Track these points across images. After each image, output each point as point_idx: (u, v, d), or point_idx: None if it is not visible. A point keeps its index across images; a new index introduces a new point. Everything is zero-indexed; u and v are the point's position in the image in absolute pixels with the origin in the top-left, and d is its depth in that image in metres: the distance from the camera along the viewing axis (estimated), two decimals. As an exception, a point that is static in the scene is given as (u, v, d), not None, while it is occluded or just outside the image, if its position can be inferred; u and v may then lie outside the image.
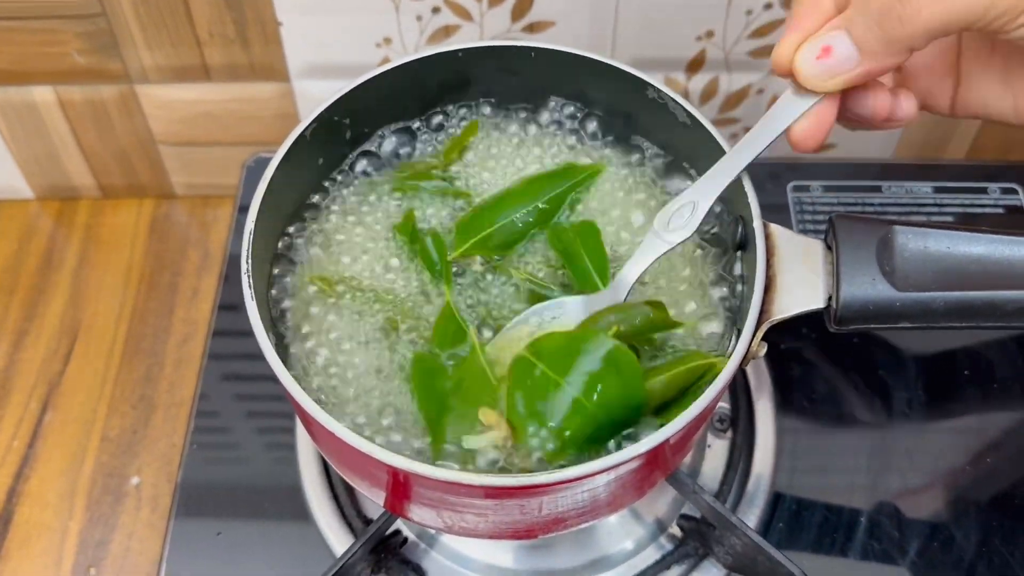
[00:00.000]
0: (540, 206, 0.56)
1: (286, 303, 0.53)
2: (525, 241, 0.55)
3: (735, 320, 0.51)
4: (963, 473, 0.66)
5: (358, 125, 0.58)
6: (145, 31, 0.76)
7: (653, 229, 0.50)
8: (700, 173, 0.55)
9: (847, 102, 0.48)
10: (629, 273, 0.50)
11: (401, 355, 0.51)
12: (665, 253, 0.50)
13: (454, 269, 0.54)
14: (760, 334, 0.47)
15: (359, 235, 0.56)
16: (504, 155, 0.59)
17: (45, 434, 0.76)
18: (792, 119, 0.47)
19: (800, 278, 0.48)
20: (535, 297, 0.53)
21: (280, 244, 0.55)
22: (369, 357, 0.51)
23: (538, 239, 0.55)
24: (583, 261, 0.53)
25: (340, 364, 0.51)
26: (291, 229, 0.56)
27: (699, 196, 0.49)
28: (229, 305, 0.75)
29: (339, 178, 0.58)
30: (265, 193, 0.51)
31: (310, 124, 0.54)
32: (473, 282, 0.54)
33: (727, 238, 0.54)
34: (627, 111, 0.58)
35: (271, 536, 0.63)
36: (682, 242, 0.49)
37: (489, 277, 0.54)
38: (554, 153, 0.59)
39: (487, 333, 0.52)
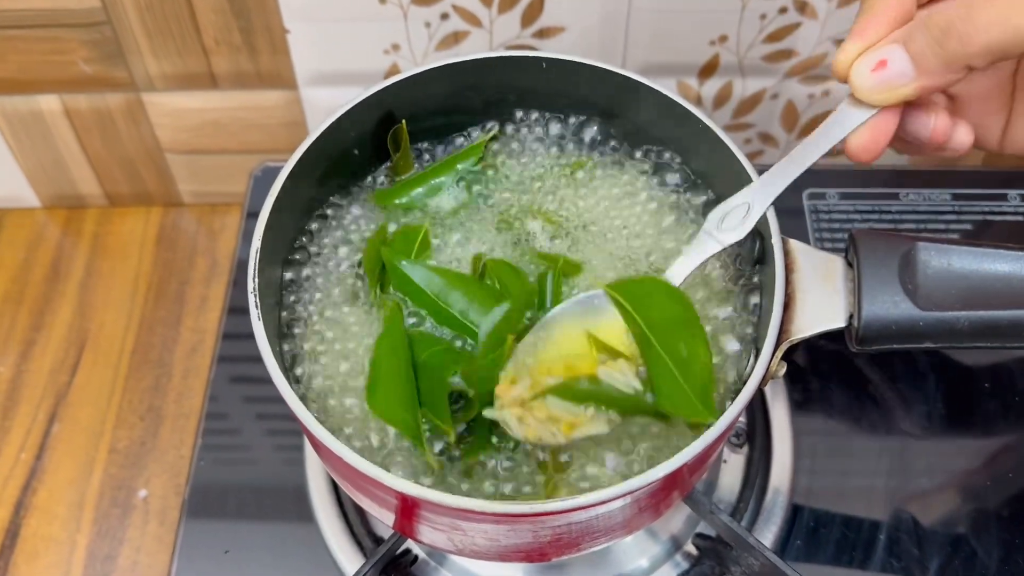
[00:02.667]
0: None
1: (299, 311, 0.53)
2: None
3: (754, 339, 0.50)
4: (984, 488, 0.64)
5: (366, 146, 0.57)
6: (151, 39, 0.75)
7: (705, 228, 0.49)
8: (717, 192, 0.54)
9: (906, 120, 0.47)
10: (679, 271, 0.49)
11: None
12: (716, 253, 0.49)
13: None
14: (779, 354, 0.46)
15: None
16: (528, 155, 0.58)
17: (53, 446, 0.75)
18: (849, 130, 0.46)
19: (820, 296, 0.47)
20: None
21: (294, 245, 0.55)
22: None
23: None
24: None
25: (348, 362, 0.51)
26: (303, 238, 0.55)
27: (754, 198, 0.49)
28: (239, 308, 0.74)
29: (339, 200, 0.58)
30: (271, 210, 0.50)
31: (320, 134, 0.53)
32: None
33: (745, 253, 0.53)
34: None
35: (280, 554, 0.62)
36: (735, 243, 0.49)
37: None
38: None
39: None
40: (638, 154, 0.58)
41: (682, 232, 0.55)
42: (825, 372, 0.69)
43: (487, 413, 0.47)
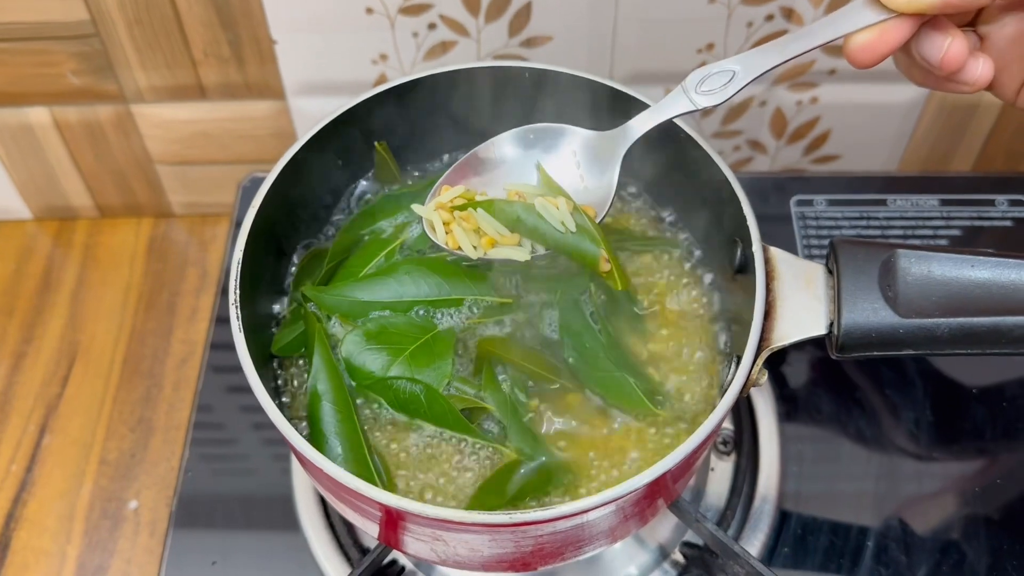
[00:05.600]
0: None
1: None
2: None
3: (736, 347, 0.50)
4: (972, 495, 0.64)
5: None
6: (140, 52, 0.75)
7: (682, 85, 0.48)
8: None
9: (919, 38, 0.45)
10: (643, 122, 0.49)
11: None
12: (686, 113, 0.48)
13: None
14: (760, 362, 0.46)
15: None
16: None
17: (43, 458, 0.75)
18: (858, 26, 0.44)
19: (801, 304, 0.47)
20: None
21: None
22: None
23: None
24: None
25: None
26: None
27: (741, 67, 0.47)
28: (228, 319, 0.74)
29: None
30: (255, 218, 0.50)
31: (304, 144, 0.53)
32: None
33: (725, 261, 0.53)
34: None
35: (267, 565, 0.62)
36: (710, 107, 0.47)
37: None
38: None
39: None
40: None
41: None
42: (813, 379, 0.69)
43: (415, 208, 0.50)
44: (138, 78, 0.78)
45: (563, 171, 0.52)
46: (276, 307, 0.56)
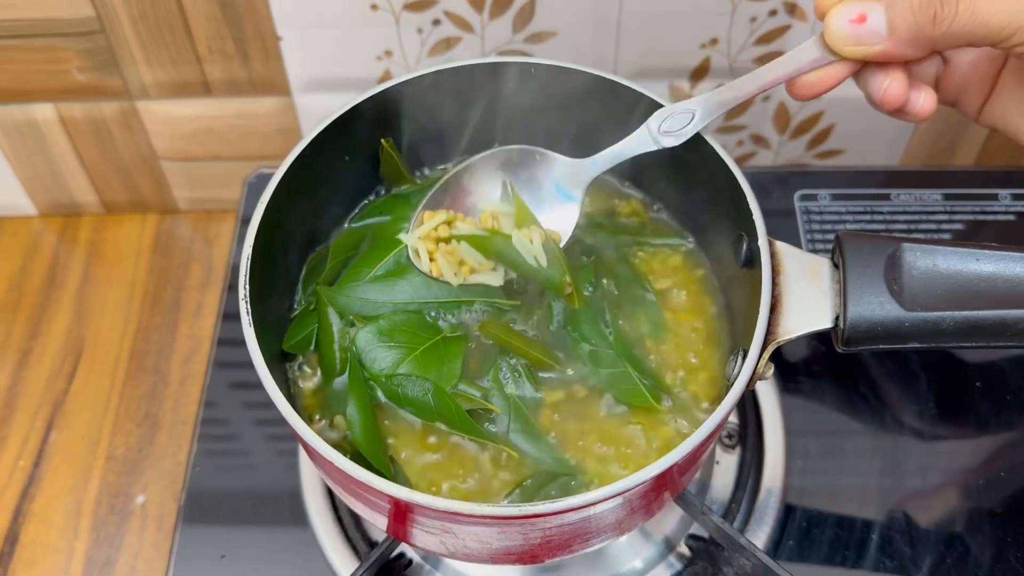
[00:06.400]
0: None
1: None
2: None
3: (742, 341, 0.51)
4: (977, 487, 0.65)
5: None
6: (145, 48, 0.76)
7: (646, 125, 0.51)
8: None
9: (864, 77, 0.48)
10: (610, 154, 0.52)
11: None
12: (647, 152, 0.51)
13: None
14: (767, 355, 0.47)
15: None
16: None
17: (50, 453, 0.76)
18: (805, 69, 0.47)
19: (807, 298, 0.47)
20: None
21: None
22: None
23: None
24: None
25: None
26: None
27: (700, 108, 0.51)
28: (234, 314, 0.75)
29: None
30: (264, 215, 0.50)
31: (312, 141, 0.53)
32: None
33: (731, 255, 0.53)
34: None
35: (275, 559, 0.63)
36: (669, 148, 0.51)
37: None
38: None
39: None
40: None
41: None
42: (817, 372, 0.69)
43: (402, 236, 0.54)
44: (143, 74, 0.78)
45: (534, 194, 0.55)
46: (284, 304, 0.56)
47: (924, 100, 0.48)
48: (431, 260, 0.53)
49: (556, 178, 0.55)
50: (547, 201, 0.55)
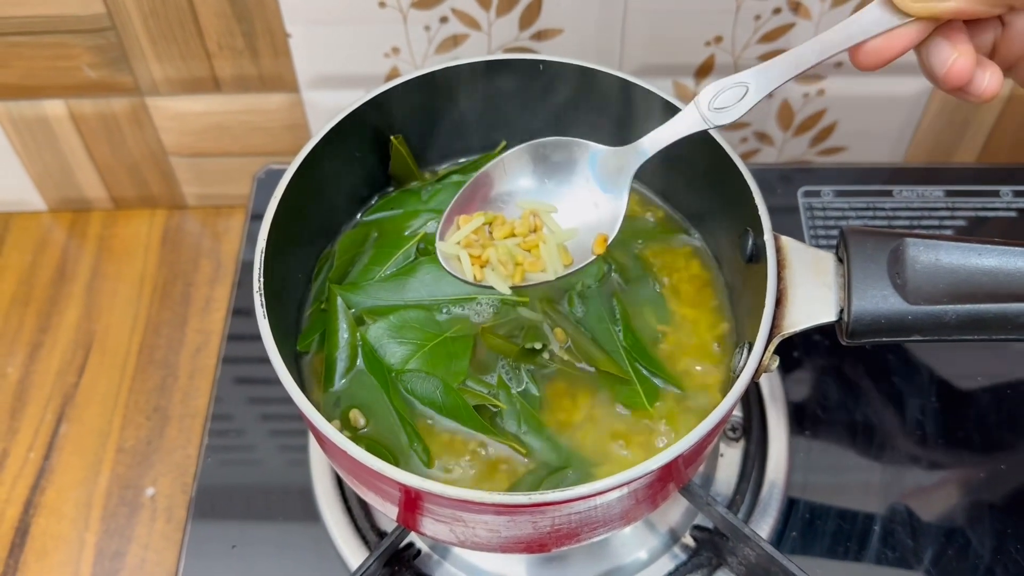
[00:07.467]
0: None
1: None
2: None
3: (747, 334, 0.51)
4: (977, 480, 0.65)
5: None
6: (155, 44, 0.76)
7: (695, 101, 0.47)
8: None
9: (929, 48, 0.45)
10: (657, 139, 0.49)
11: None
12: (699, 132, 0.47)
13: None
14: (772, 348, 0.47)
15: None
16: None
17: (61, 446, 0.77)
18: (871, 33, 0.44)
19: (811, 291, 0.48)
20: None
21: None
22: None
23: None
24: None
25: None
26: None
27: (753, 80, 0.46)
28: (243, 310, 0.76)
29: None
30: (278, 207, 0.51)
31: (323, 137, 0.54)
32: None
33: (736, 250, 0.54)
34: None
35: (285, 550, 0.63)
36: (722, 126, 0.47)
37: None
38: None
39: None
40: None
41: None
42: (821, 366, 0.70)
43: (439, 245, 0.51)
44: (153, 71, 0.79)
45: (574, 187, 0.52)
46: (294, 300, 0.57)
47: (990, 79, 0.45)
48: (478, 266, 0.51)
49: (595, 170, 0.51)
50: (587, 197, 0.52)
